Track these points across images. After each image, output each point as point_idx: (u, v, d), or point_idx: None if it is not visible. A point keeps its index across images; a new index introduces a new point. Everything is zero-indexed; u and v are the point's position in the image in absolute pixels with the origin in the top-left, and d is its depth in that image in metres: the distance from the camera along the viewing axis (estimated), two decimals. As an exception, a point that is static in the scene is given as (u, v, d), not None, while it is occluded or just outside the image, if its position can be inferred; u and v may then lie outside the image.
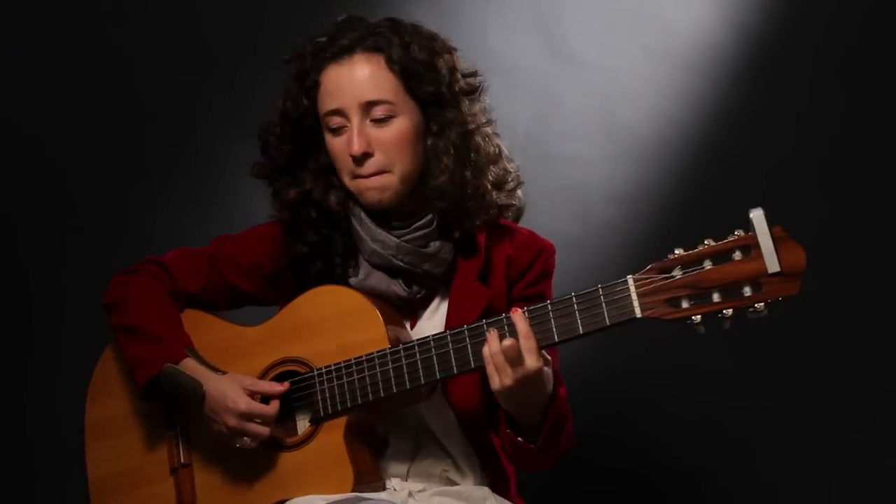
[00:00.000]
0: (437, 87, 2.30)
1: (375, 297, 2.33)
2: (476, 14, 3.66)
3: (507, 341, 2.09)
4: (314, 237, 2.36)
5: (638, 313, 2.05)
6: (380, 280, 2.34)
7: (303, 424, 2.36)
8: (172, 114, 3.63)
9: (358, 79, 2.28)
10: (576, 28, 3.66)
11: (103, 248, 3.55)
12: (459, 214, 2.33)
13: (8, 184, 3.58)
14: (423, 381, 2.23)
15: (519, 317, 2.12)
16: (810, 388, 3.49)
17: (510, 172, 2.39)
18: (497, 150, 2.37)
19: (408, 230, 2.33)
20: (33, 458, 3.55)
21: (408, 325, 2.38)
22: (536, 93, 3.65)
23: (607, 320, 2.08)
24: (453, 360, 2.20)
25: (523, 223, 2.48)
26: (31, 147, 3.59)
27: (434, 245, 2.34)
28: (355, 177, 2.30)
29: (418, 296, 2.36)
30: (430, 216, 2.34)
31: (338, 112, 2.29)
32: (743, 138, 3.61)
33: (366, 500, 2.22)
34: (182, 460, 2.41)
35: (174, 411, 2.43)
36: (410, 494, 2.32)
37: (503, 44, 3.65)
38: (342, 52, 2.29)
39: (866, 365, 3.49)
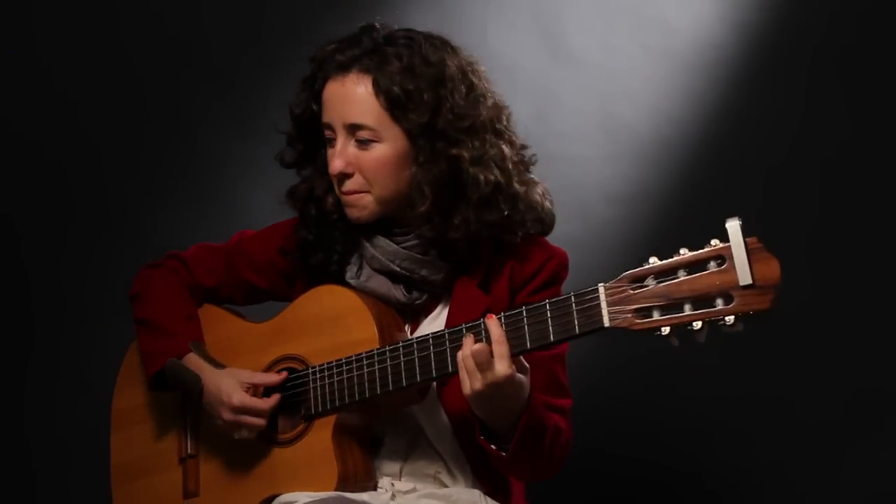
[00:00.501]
0: (421, 118, 2.26)
1: (377, 300, 2.34)
2: (476, 13, 3.66)
3: (478, 345, 2.08)
4: (315, 231, 2.39)
5: (606, 322, 2.02)
6: (380, 284, 2.35)
7: (292, 420, 2.38)
8: (172, 113, 3.63)
9: (346, 99, 2.28)
10: (575, 28, 3.66)
11: (103, 247, 3.55)
12: (445, 244, 2.31)
13: (8, 183, 3.58)
14: (404, 384, 2.23)
15: (493, 322, 2.11)
16: (818, 387, 3.49)
17: (523, 201, 2.32)
18: (498, 181, 2.28)
19: (407, 237, 2.34)
20: (32, 458, 3.55)
21: (409, 330, 2.37)
22: (536, 93, 3.64)
23: (577, 329, 2.06)
24: (433, 363, 2.20)
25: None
26: (32, 147, 3.59)
27: (433, 252, 2.34)
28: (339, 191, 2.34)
29: (418, 301, 2.36)
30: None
31: (328, 126, 2.31)
32: (743, 138, 3.60)
33: (348, 499, 2.22)
34: (189, 451, 2.46)
35: (186, 403, 2.47)
36: (393, 496, 2.33)
37: (503, 43, 3.64)
38: (340, 68, 2.29)
39: (873, 364, 3.49)
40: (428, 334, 2.21)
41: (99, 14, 3.62)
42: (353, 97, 2.27)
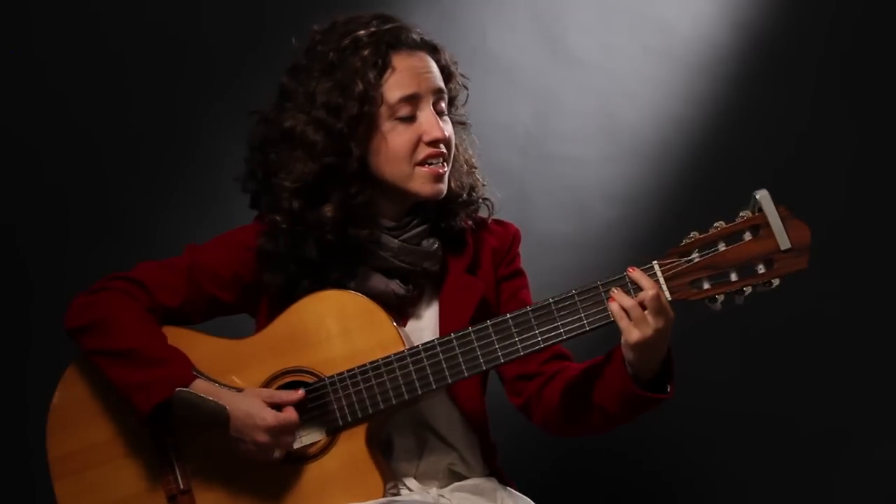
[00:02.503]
0: (455, 93, 2.37)
1: (372, 298, 2.29)
2: (475, 14, 3.66)
3: (654, 291, 2.10)
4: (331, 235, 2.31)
5: (668, 296, 2.13)
6: (378, 280, 2.31)
7: (310, 435, 2.28)
8: (172, 114, 3.62)
9: (432, 68, 2.30)
10: (576, 28, 3.67)
11: (104, 248, 3.54)
12: (457, 208, 2.36)
13: (8, 184, 3.58)
14: (450, 381, 2.21)
15: (639, 274, 2.14)
16: (818, 392, 3.50)
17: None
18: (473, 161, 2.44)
19: (404, 230, 2.33)
20: (32, 458, 3.54)
21: (402, 324, 2.35)
22: (536, 93, 3.65)
23: None
24: (496, 350, 2.19)
25: (525, 220, 2.49)
26: (32, 148, 3.58)
27: (427, 242, 2.34)
28: (421, 164, 2.29)
29: (414, 293, 2.35)
30: (423, 215, 2.35)
31: (413, 97, 2.27)
32: (743, 139, 3.61)
33: (399, 502, 2.21)
34: (181, 486, 2.29)
35: (164, 436, 2.31)
36: (441, 494, 2.32)
37: (502, 44, 3.65)
38: (414, 45, 2.30)
39: (867, 376, 3.50)
40: (487, 323, 2.20)
41: (98, 15, 3.61)
42: (435, 67, 2.31)
